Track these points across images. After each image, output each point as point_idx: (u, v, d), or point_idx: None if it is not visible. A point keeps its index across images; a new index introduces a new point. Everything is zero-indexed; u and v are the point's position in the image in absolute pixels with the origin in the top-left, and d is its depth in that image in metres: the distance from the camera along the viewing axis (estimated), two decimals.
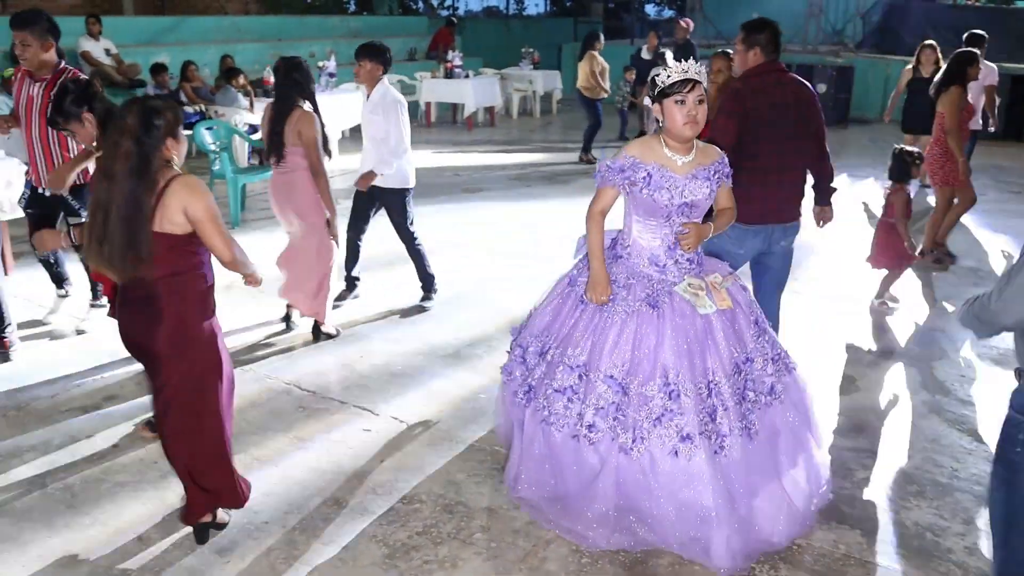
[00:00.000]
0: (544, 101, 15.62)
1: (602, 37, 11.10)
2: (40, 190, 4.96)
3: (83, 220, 4.33)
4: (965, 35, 8.25)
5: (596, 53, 10.79)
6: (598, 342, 3.14)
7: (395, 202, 5.55)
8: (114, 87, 10.79)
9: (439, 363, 4.84)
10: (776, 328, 4.06)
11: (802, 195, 4.15)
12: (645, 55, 12.27)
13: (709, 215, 3.36)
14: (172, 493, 3.49)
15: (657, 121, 3.16)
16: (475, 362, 4.86)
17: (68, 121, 3.96)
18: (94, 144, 3.96)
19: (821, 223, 4.42)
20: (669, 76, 3.04)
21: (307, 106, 4.82)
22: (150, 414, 3.81)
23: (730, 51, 4.39)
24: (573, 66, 18.06)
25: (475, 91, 13.34)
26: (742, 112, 3.92)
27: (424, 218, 7.91)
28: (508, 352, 3.55)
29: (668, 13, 32.55)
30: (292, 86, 4.81)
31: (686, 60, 3.07)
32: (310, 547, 3.20)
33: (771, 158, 3.98)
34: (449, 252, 6.95)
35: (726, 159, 3.30)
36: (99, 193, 2.87)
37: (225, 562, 3.11)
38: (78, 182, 4.58)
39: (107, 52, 11.08)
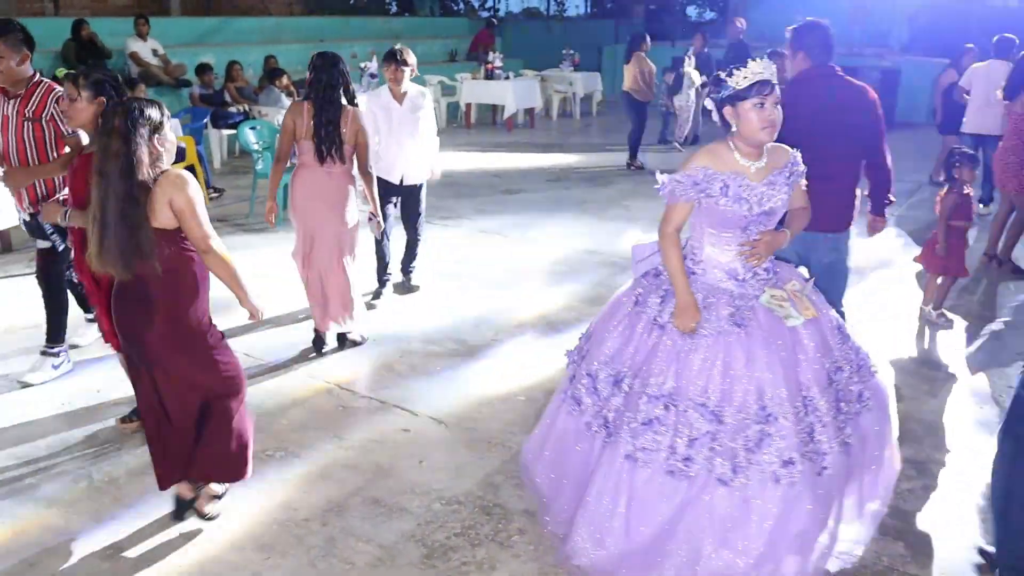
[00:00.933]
0: (584, 103, 15.59)
1: (648, 38, 10.92)
2: (22, 214, 4.52)
3: (49, 245, 4.42)
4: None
5: (643, 55, 10.67)
6: (684, 368, 2.89)
7: (419, 194, 5.68)
8: (160, 87, 10.97)
9: (477, 366, 4.85)
10: None
11: (848, 204, 3.98)
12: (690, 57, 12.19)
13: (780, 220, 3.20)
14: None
15: (729, 126, 2.96)
16: (513, 365, 4.86)
17: (75, 83, 3.60)
18: (78, 135, 3.77)
19: (871, 233, 4.29)
20: (745, 77, 2.85)
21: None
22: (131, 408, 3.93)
23: (782, 52, 4.30)
24: (613, 68, 18.09)
25: (515, 93, 13.35)
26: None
27: (464, 220, 7.95)
28: (571, 381, 3.21)
29: (709, 15, 32.29)
30: (338, 83, 4.63)
31: (740, 62, 2.97)
32: (349, 545, 3.22)
33: (814, 165, 3.84)
34: (487, 254, 6.97)
35: (799, 156, 3.12)
36: (96, 194, 2.95)
37: (265, 558, 3.15)
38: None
39: (154, 52, 11.26)
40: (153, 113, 2.97)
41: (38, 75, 4.39)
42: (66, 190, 3.93)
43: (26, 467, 3.72)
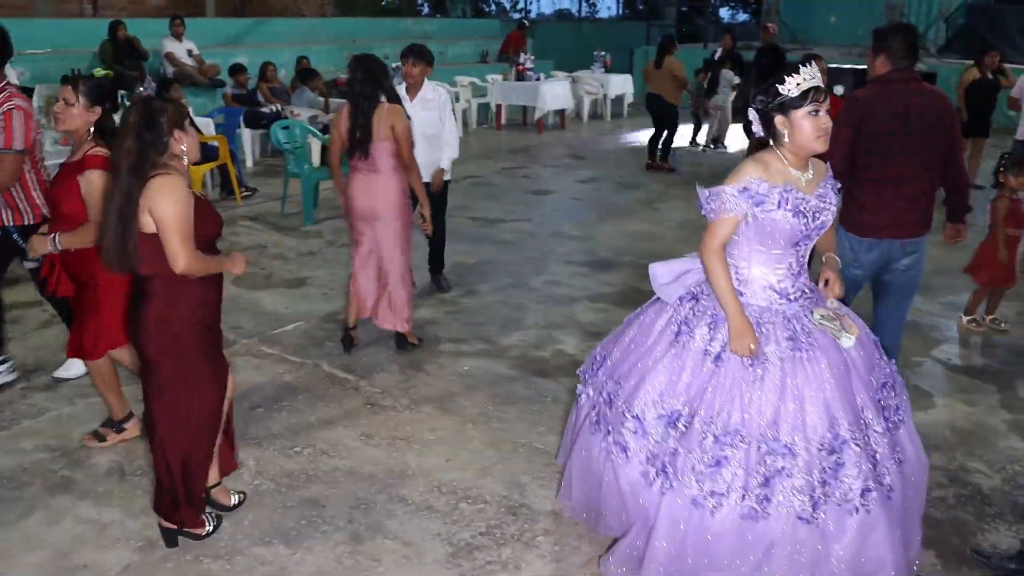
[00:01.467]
0: (615, 104, 15.55)
1: (676, 41, 10.88)
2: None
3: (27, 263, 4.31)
4: None
5: (674, 57, 10.60)
6: (749, 401, 2.70)
7: (444, 193, 5.77)
8: (195, 87, 11.11)
9: (505, 364, 4.86)
10: (897, 357, 3.84)
11: (925, 211, 3.91)
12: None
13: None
14: (243, 484, 3.58)
15: (777, 135, 2.80)
16: (542, 365, 4.86)
17: (74, 87, 3.49)
18: (71, 133, 3.59)
19: (951, 240, 4.18)
20: (798, 84, 2.70)
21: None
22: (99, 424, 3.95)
23: (820, 55, 4.26)
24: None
25: (546, 94, 13.35)
26: (856, 121, 3.76)
27: (493, 220, 7.96)
28: (611, 427, 2.95)
29: (742, 16, 32.13)
30: (373, 81, 4.61)
31: (774, 65, 2.92)
32: (375, 542, 3.24)
33: (887, 170, 3.74)
34: (516, 255, 6.97)
35: (830, 166, 3.04)
36: (109, 190, 2.93)
37: (292, 553, 3.17)
38: (28, 221, 4.13)
39: (189, 53, 11.41)
40: (171, 108, 2.94)
41: (6, 81, 4.12)
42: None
43: (61, 459, 3.78)
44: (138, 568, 3.09)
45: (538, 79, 13.63)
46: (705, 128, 12.64)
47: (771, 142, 2.86)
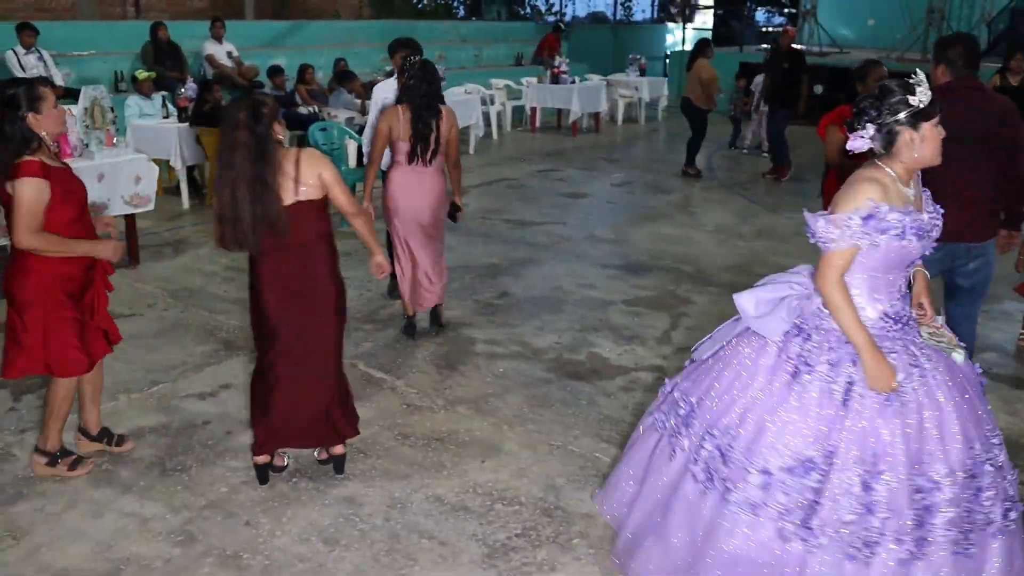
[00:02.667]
0: (650, 108, 15.50)
1: (711, 45, 10.77)
2: None
3: None
4: None
5: (707, 61, 10.51)
6: (892, 439, 2.50)
7: None
8: (234, 88, 11.25)
9: (540, 367, 4.86)
10: (971, 355, 3.80)
11: (988, 215, 3.94)
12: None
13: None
14: (282, 482, 3.62)
15: (897, 150, 2.61)
16: (577, 368, 4.86)
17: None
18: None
19: (1004, 249, 4.16)
20: (925, 93, 2.55)
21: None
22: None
23: (879, 60, 4.30)
24: (680, 73, 17.97)
25: (581, 97, 13.33)
26: None
27: (527, 223, 7.97)
28: (730, 485, 2.65)
29: (779, 20, 31.83)
30: (437, 85, 4.86)
31: (798, 70, 2.85)
32: (412, 541, 3.26)
33: (948, 175, 3.59)
34: (551, 258, 6.97)
35: None
36: (224, 182, 3.25)
37: (330, 551, 3.20)
38: None
39: (229, 55, 11.56)
40: (270, 102, 3.31)
41: None
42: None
43: (103, 453, 3.84)
44: (179, 563, 3.14)
45: (573, 82, 13.61)
46: (746, 131, 12.53)
47: (875, 159, 2.66)
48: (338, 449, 3.69)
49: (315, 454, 3.78)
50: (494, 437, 4.07)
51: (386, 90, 5.55)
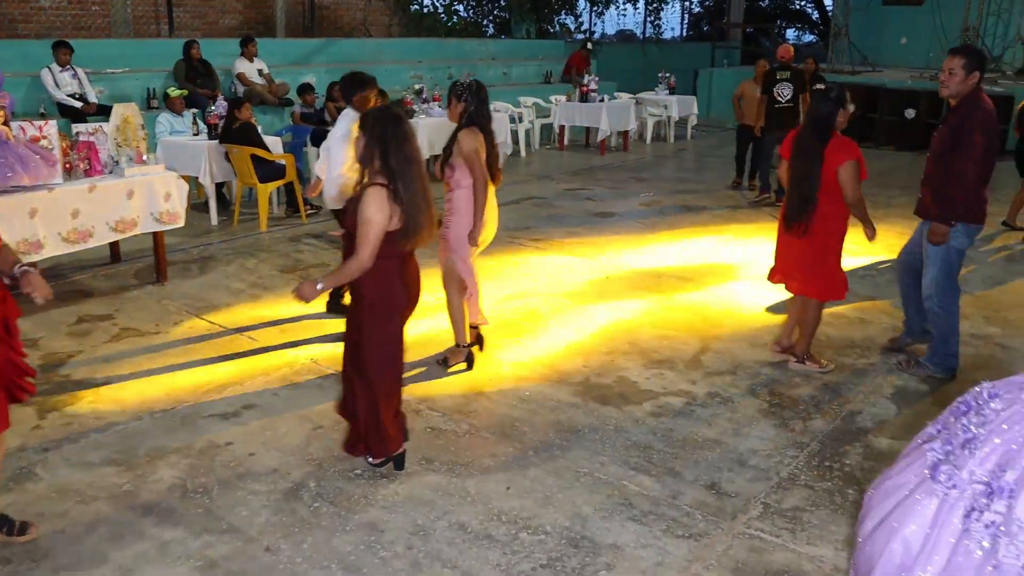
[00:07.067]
0: (679, 127, 15.41)
1: (761, 61, 10.57)
2: None
3: None
4: None
5: (751, 79, 10.38)
6: None
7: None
8: (265, 105, 11.33)
9: (566, 391, 4.78)
10: None
11: None
12: None
13: None
14: (302, 506, 3.57)
15: None
16: (604, 392, 4.77)
17: None
18: None
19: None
20: None
21: None
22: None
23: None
24: (708, 91, 17.88)
25: (609, 115, 13.28)
26: (992, 131, 4.67)
27: (555, 242, 7.90)
28: None
29: (808, 38, 31.66)
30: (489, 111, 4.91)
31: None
32: (434, 571, 3.19)
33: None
34: (578, 279, 6.90)
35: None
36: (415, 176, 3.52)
37: None
38: None
39: (260, 72, 11.64)
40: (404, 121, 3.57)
41: None
42: None
43: (125, 473, 3.82)
44: None
45: (601, 100, 13.57)
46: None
47: None
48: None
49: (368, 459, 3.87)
50: (519, 463, 3.99)
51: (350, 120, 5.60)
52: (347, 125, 5.37)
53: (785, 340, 5.21)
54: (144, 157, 6.46)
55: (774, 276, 5.13)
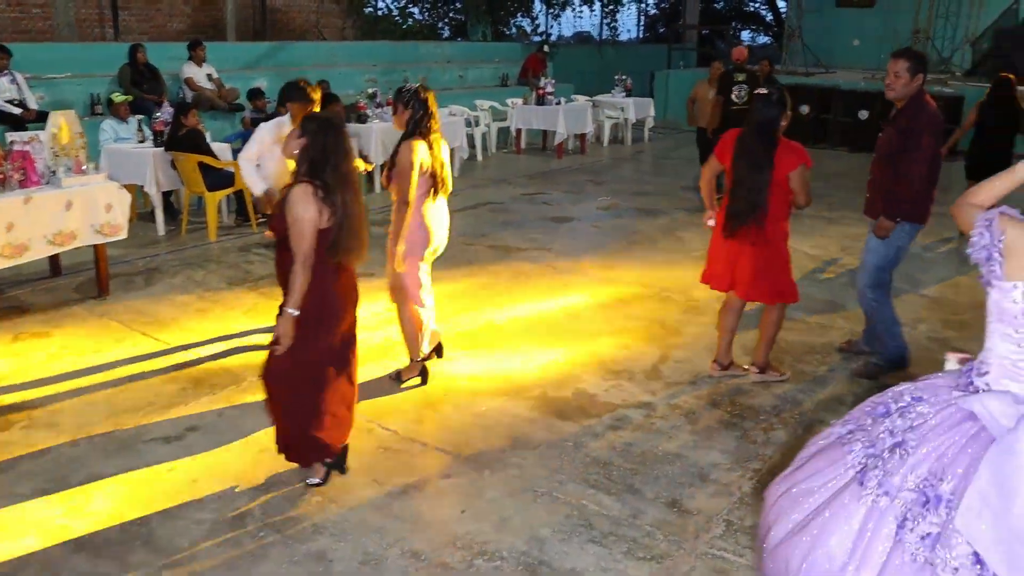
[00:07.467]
0: (636, 129, 15.38)
1: (715, 63, 10.56)
2: None
3: None
4: None
5: (705, 81, 10.34)
6: None
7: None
8: (214, 111, 11.05)
9: (523, 405, 4.65)
10: None
11: None
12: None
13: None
14: (247, 536, 3.40)
15: None
16: (562, 406, 4.65)
17: None
18: None
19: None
20: None
21: None
22: None
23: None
24: (665, 93, 17.89)
25: (566, 118, 13.20)
26: (941, 132, 4.81)
27: (512, 249, 7.78)
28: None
29: (763, 39, 31.96)
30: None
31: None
32: None
33: None
34: (535, 286, 6.78)
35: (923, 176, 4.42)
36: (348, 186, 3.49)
37: None
38: None
39: (209, 77, 11.36)
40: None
41: None
42: None
43: (59, 505, 3.61)
44: None
45: (558, 103, 13.48)
46: None
47: None
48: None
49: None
50: (475, 484, 3.86)
51: (271, 129, 5.44)
52: (276, 134, 5.27)
53: (724, 358, 5.05)
54: (84, 167, 6.21)
55: (717, 283, 4.94)
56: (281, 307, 3.43)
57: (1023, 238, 2.28)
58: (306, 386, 3.57)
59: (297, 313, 3.40)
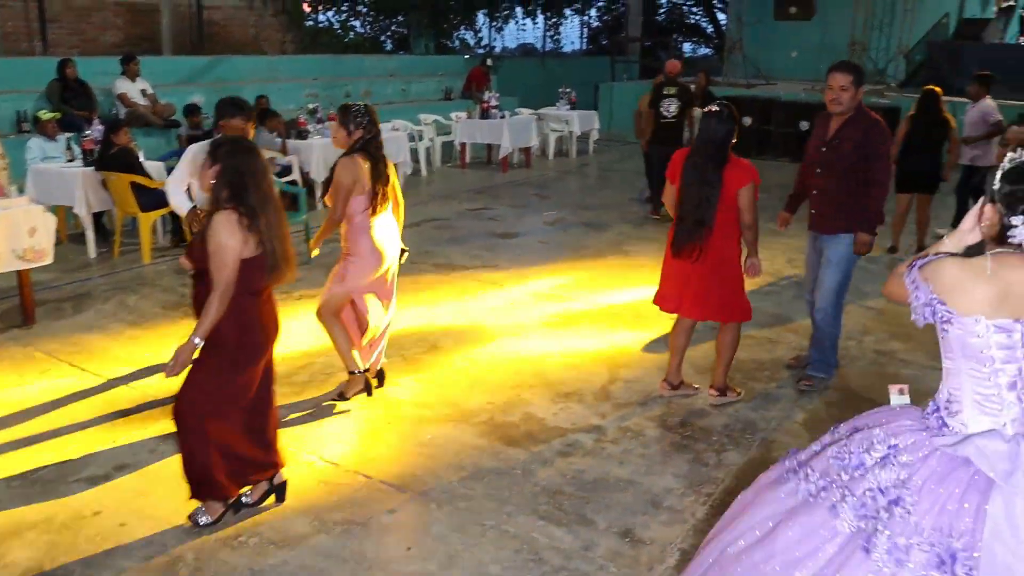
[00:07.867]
0: (581, 141, 15.37)
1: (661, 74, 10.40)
2: None
3: None
4: None
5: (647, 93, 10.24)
6: None
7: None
8: (149, 128, 10.73)
9: (470, 432, 4.51)
10: None
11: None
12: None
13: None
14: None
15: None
16: (510, 431, 4.53)
17: None
18: None
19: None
20: None
21: None
22: None
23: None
24: (610, 106, 17.95)
25: (511, 131, 13.12)
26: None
27: (456, 266, 7.64)
28: None
29: (704, 51, 32.39)
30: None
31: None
32: None
33: None
34: (481, 304, 6.66)
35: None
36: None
37: None
38: None
39: (143, 93, 11.04)
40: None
41: None
42: None
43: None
44: None
45: (503, 116, 13.40)
46: None
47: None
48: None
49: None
50: (421, 518, 3.71)
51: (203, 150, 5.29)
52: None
53: (674, 377, 4.96)
54: (5, 189, 5.92)
55: (666, 305, 4.85)
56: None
57: (946, 274, 2.21)
58: (213, 420, 3.38)
59: (201, 343, 3.22)
